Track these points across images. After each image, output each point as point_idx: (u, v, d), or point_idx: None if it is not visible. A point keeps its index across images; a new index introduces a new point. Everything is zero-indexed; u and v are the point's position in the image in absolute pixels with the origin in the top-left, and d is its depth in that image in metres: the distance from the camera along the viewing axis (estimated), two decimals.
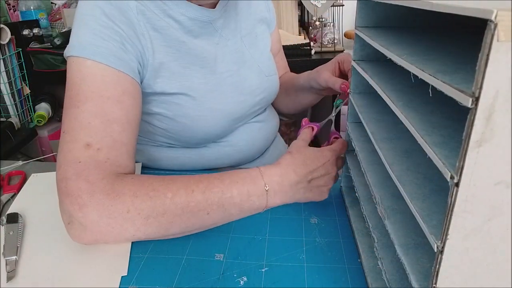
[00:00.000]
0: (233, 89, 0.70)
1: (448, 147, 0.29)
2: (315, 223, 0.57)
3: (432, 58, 0.33)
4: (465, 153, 0.24)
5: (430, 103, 0.37)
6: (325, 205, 0.61)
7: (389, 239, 0.37)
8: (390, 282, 0.38)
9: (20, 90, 1.38)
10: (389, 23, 0.53)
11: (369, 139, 0.45)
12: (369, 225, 0.45)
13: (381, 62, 0.52)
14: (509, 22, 0.21)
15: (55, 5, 1.67)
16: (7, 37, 1.26)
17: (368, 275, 0.45)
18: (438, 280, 0.29)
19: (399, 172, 0.36)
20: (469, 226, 0.27)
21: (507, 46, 0.21)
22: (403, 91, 0.40)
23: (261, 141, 0.80)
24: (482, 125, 0.23)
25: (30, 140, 1.36)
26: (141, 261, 0.50)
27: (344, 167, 0.62)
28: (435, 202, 0.32)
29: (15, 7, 1.59)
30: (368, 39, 0.46)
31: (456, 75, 0.28)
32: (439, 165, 0.27)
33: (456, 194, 0.25)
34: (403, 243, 0.36)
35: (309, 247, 0.52)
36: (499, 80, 0.22)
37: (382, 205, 0.40)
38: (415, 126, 0.32)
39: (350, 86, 0.58)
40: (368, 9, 0.52)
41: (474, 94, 0.23)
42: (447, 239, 0.27)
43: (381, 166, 0.45)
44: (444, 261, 0.28)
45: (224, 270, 0.48)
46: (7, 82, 1.29)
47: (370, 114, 0.49)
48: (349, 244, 0.52)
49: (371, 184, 0.44)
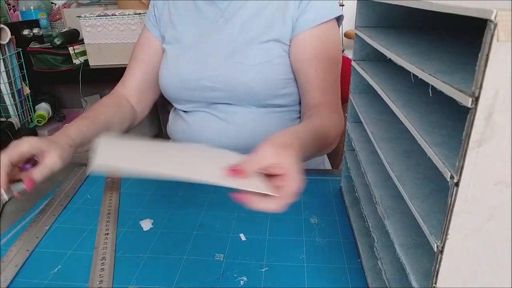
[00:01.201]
0: (193, 57, 0.78)
1: (448, 147, 0.29)
2: (315, 223, 0.57)
3: (432, 58, 0.33)
4: (465, 153, 0.24)
5: (430, 103, 0.37)
6: (325, 205, 0.61)
7: (389, 239, 0.37)
8: (390, 282, 0.38)
9: (20, 90, 1.38)
10: (389, 23, 0.53)
11: (369, 139, 0.45)
12: (369, 225, 0.45)
13: (381, 62, 0.52)
14: (509, 22, 0.21)
15: (55, 5, 1.67)
16: (7, 37, 1.26)
17: (368, 275, 0.45)
18: (438, 280, 0.29)
19: (399, 172, 0.36)
20: (469, 226, 0.27)
21: (507, 46, 0.21)
22: (403, 91, 0.40)
23: (212, 134, 0.80)
24: (482, 125, 0.23)
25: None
26: (141, 261, 0.50)
27: (344, 167, 0.62)
28: (435, 202, 0.32)
29: (15, 7, 1.59)
30: (368, 39, 0.46)
31: (456, 75, 0.28)
32: (439, 165, 0.27)
33: (456, 194, 0.25)
34: (403, 243, 0.36)
35: (309, 247, 0.52)
36: (499, 80, 0.22)
37: (382, 205, 0.40)
38: (415, 126, 0.32)
39: (350, 86, 0.57)
40: (368, 9, 0.52)
41: (474, 94, 0.23)
42: (447, 239, 0.27)
43: (381, 166, 0.45)
44: (444, 261, 0.28)
45: (224, 270, 0.48)
46: (7, 82, 1.29)
47: (370, 114, 0.49)
48: (349, 244, 0.52)
49: (371, 184, 0.44)
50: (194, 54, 0.79)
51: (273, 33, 0.75)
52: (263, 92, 0.76)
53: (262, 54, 0.76)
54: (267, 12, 0.76)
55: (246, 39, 0.76)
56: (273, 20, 0.76)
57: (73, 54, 1.41)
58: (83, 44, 1.43)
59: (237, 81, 0.76)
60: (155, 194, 0.66)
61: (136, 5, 1.51)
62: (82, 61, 1.43)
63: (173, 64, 0.81)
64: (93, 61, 1.43)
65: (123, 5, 1.54)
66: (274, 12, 0.76)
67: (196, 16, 0.81)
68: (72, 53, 1.40)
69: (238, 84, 0.76)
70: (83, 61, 1.43)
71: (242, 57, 0.76)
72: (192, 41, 0.80)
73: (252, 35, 0.76)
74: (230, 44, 0.77)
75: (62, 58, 1.41)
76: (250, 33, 0.76)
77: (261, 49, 0.76)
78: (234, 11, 0.78)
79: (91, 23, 1.35)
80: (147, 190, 0.67)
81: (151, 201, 0.64)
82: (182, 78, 0.79)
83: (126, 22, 1.35)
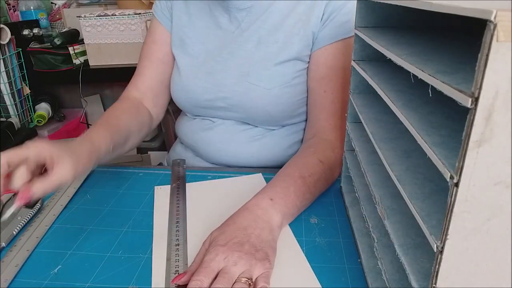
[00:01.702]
0: (206, 74, 0.74)
1: (448, 147, 0.29)
2: (315, 223, 0.57)
3: (432, 58, 0.33)
4: (465, 153, 0.24)
5: (430, 103, 0.37)
6: (325, 205, 0.61)
7: (389, 239, 0.37)
8: (390, 282, 0.38)
9: (20, 90, 1.38)
10: (389, 23, 0.53)
11: (369, 139, 0.45)
12: (369, 225, 0.45)
13: (381, 62, 0.52)
14: (509, 23, 0.21)
15: (55, 5, 1.67)
16: (7, 37, 1.26)
17: (368, 275, 0.45)
18: (438, 280, 0.29)
19: (399, 172, 0.36)
20: (469, 226, 0.27)
21: (506, 47, 0.21)
22: (403, 91, 0.40)
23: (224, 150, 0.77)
24: (481, 125, 0.23)
25: (30, 140, 1.36)
26: (141, 261, 0.50)
27: (344, 167, 0.62)
28: (435, 202, 0.32)
29: (15, 7, 1.59)
30: (368, 39, 0.46)
31: (456, 75, 0.27)
32: (438, 165, 0.27)
33: (455, 194, 0.25)
34: (403, 243, 0.36)
35: (309, 247, 0.52)
36: (499, 80, 0.22)
37: (382, 205, 0.40)
38: (415, 126, 0.32)
39: (350, 86, 0.57)
40: (368, 9, 0.52)
41: (473, 94, 0.23)
42: (447, 239, 0.27)
43: (381, 166, 0.45)
44: (444, 261, 0.28)
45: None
46: (7, 82, 1.29)
47: (370, 114, 0.49)
48: (349, 244, 0.52)
49: (371, 184, 0.44)
50: (207, 70, 0.74)
51: (292, 50, 0.70)
52: (279, 115, 0.73)
53: (279, 76, 0.70)
54: (287, 26, 0.70)
55: (263, 58, 0.70)
56: (293, 35, 0.69)
57: (73, 54, 1.41)
58: (83, 44, 1.43)
59: (252, 104, 0.72)
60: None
61: (136, 5, 1.51)
62: (82, 61, 1.43)
63: (186, 80, 0.76)
64: (93, 61, 1.43)
65: (123, 5, 1.54)
66: (294, 26, 0.69)
67: (211, 24, 0.75)
68: (72, 53, 1.40)
69: (253, 108, 0.72)
70: (83, 61, 1.43)
71: (258, 80, 0.70)
72: (205, 54, 0.75)
73: (269, 52, 0.70)
74: (246, 61, 0.71)
75: (62, 58, 1.41)
76: (268, 49, 0.70)
77: (279, 71, 0.70)
78: (251, 21, 0.72)
79: (91, 23, 1.35)
80: (148, 190, 0.67)
81: (151, 201, 0.64)
82: (195, 98, 0.75)
83: (126, 22, 1.35)
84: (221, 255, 0.44)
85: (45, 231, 0.56)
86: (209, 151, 0.78)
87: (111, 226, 0.57)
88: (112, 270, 0.49)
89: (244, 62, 0.72)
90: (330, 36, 0.68)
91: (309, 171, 0.59)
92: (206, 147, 0.78)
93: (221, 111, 0.76)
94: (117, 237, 0.55)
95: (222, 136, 0.77)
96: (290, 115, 0.74)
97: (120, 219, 0.59)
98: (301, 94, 0.73)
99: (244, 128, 0.76)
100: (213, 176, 0.71)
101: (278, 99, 0.71)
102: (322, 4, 0.68)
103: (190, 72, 0.76)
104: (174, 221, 0.57)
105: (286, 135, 0.77)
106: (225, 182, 0.69)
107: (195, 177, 0.71)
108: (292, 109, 0.73)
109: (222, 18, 0.74)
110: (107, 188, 0.68)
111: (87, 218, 0.60)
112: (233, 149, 0.76)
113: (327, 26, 0.68)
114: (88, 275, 0.48)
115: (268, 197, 0.53)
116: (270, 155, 0.77)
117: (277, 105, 0.71)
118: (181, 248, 0.51)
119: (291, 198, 0.54)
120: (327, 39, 0.68)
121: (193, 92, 0.75)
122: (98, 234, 0.56)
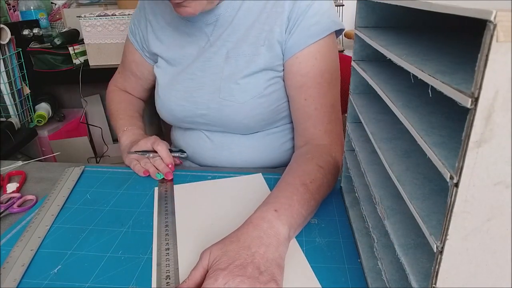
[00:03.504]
0: (182, 92, 0.75)
1: (448, 147, 0.29)
2: (315, 223, 0.57)
3: (432, 58, 0.33)
4: (465, 153, 0.24)
5: (430, 103, 0.37)
6: (325, 205, 0.61)
7: (389, 239, 0.37)
8: (390, 282, 0.38)
9: (20, 90, 1.38)
10: (389, 23, 0.53)
11: (369, 139, 0.45)
12: (369, 225, 0.45)
13: (381, 62, 0.52)
14: (509, 23, 0.21)
15: (55, 5, 1.67)
16: (7, 37, 1.26)
17: (368, 275, 0.45)
18: (438, 280, 0.29)
19: (399, 172, 0.36)
20: (469, 226, 0.27)
21: (506, 47, 0.21)
22: (402, 91, 0.40)
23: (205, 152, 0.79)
24: (481, 126, 0.23)
25: (30, 140, 1.36)
26: (141, 261, 0.50)
27: (344, 167, 0.62)
28: (435, 202, 0.32)
29: (15, 7, 1.59)
30: (368, 39, 0.46)
31: (456, 75, 0.27)
32: (438, 166, 0.27)
33: (455, 195, 0.25)
34: (402, 243, 0.36)
35: (309, 247, 0.52)
36: (499, 81, 0.22)
37: (382, 205, 0.40)
38: (415, 127, 0.32)
39: (350, 86, 0.57)
40: (368, 9, 0.52)
41: (473, 94, 0.23)
42: (447, 239, 0.27)
43: (381, 166, 0.45)
44: (443, 261, 0.28)
45: None
46: (7, 82, 1.29)
47: (370, 114, 0.49)
48: (349, 244, 0.52)
49: (371, 184, 0.44)
50: (184, 88, 0.75)
51: (260, 61, 0.68)
52: (259, 124, 0.73)
53: (250, 89, 0.69)
54: (252, 37, 0.69)
55: (233, 72, 0.70)
56: (258, 47, 0.68)
57: (73, 54, 1.41)
58: (83, 44, 1.43)
59: (229, 119, 0.72)
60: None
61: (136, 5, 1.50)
62: (82, 61, 1.43)
63: (164, 98, 0.78)
64: (93, 61, 1.43)
65: (123, 5, 1.54)
66: (258, 37, 0.68)
67: (184, 42, 0.75)
68: (72, 53, 1.40)
69: (230, 122, 0.72)
70: (83, 61, 1.43)
71: (230, 95, 0.70)
72: (181, 72, 0.75)
73: (239, 65, 0.69)
74: (217, 77, 0.71)
75: (62, 58, 1.41)
76: (237, 63, 0.69)
77: (250, 83, 0.69)
78: (218, 35, 0.71)
79: (91, 23, 1.35)
80: (148, 190, 0.67)
81: (151, 201, 0.64)
82: (175, 115, 0.78)
83: (126, 22, 1.35)
84: (221, 280, 0.41)
85: (46, 231, 0.56)
86: (203, 158, 0.80)
87: (111, 226, 0.57)
88: (112, 270, 0.49)
89: (215, 78, 0.71)
90: (298, 43, 0.66)
91: (310, 177, 0.57)
92: (199, 156, 0.80)
93: (203, 126, 0.77)
94: (117, 237, 0.55)
95: (213, 144, 0.78)
96: (271, 122, 0.74)
97: (120, 219, 0.59)
98: (277, 101, 0.72)
99: (233, 135, 0.76)
100: (213, 176, 0.71)
101: (253, 111, 0.70)
102: (284, 12, 0.66)
103: (168, 91, 0.77)
104: (163, 225, 0.57)
105: (278, 137, 0.78)
106: (225, 182, 0.69)
107: (195, 177, 0.71)
108: (270, 116, 0.73)
109: (194, 36, 0.74)
110: (107, 188, 0.68)
111: (87, 218, 0.60)
112: (226, 155, 0.77)
113: (294, 34, 0.66)
114: (88, 275, 0.48)
115: (272, 208, 0.51)
116: (264, 157, 0.77)
117: (254, 117, 0.71)
118: (171, 253, 0.51)
119: (295, 207, 0.52)
120: (296, 46, 0.67)
121: (173, 110, 0.77)
122: (98, 234, 0.56)
